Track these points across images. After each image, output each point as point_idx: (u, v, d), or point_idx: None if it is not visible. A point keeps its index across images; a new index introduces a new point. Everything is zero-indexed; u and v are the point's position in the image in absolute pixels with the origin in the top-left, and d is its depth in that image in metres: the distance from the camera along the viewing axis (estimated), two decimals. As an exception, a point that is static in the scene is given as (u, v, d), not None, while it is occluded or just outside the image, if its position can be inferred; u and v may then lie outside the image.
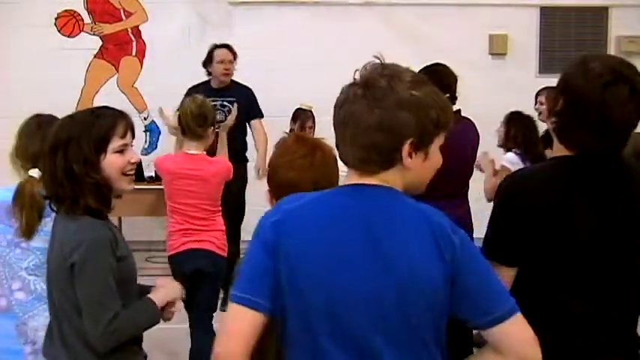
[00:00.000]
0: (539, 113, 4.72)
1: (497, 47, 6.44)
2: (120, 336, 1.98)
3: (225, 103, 5.10)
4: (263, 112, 5.31)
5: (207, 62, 5.23)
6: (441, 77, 3.52)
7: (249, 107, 5.25)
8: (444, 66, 3.67)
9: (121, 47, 6.48)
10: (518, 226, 1.72)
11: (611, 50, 6.46)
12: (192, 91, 5.12)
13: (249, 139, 5.34)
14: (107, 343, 1.97)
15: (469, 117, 3.79)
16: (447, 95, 3.55)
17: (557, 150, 1.82)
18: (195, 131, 3.63)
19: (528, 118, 4.41)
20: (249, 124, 5.30)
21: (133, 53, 6.46)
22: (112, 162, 2.01)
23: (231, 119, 4.40)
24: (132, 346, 2.07)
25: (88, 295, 1.94)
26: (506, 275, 1.74)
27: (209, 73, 5.23)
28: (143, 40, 6.45)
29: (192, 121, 3.60)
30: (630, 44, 6.49)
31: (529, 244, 1.72)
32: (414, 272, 1.39)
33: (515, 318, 1.43)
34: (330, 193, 1.49)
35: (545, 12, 6.53)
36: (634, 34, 6.50)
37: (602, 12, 6.56)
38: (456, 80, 3.63)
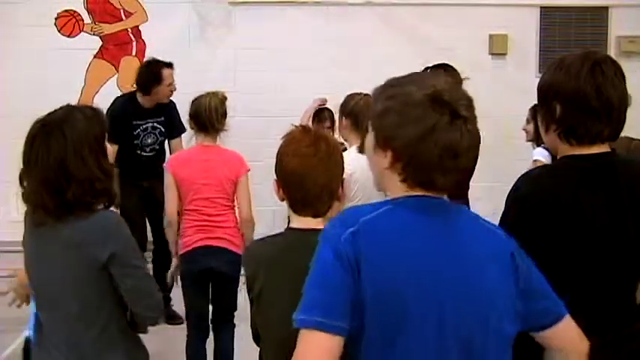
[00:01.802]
0: (527, 132, 4.67)
1: (497, 47, 6.44)
2: (162, 315, 2.20)
3: (156, 125, 4.92)
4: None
5: (155, 82, 4.82)
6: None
7: (173, 124, 4.99)
8: (452, 67, 3.77)
9: (121, 47, 6.48)
10: (536, 223, 1.74)
11: (611, 50, 6.46)
12: (112, 108, 4.81)
13: None
14: (158, 319, 2.12)
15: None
16: None
17: (565, 150, 1.85)
18: (217, 126, 3.68)
19: None
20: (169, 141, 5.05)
21: (133, 53, 6.45)
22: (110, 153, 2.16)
23: None
24: (140, 340, 2.17)
25: (139, 279, 2.03)
26: None
27: (146, 91, 4.82)
28: (143, 40, 6.44)
29: (217, 118, 3.66)
30: (630, 44, 6.48)
31: (545, 241, 1.74)
32: (491, 291, 1.40)
33: (568, 316, 1.52)
34: (399, 206, 1.42)
35: (545, 12, 6.52)
36: (634, 34, 6.49)
37: (602, 12, 6.55)
38: (461, 82, 3.70)
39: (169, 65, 4.89)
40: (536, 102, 4.40)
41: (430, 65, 3.96)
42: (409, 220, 1.39)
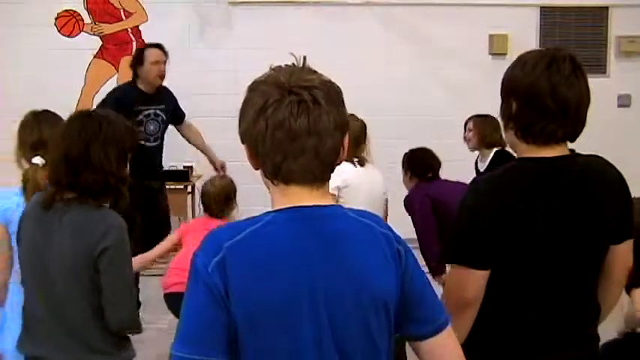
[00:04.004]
0: (469, 140, 4.66)
1: (497, 47, 6.44)
2: (136, 325, 2.15)
3: (159, 112, 4.85)
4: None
5: (138, 63, 4.81)
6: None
7: (175, 111, 4.99)
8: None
9: (121, 47, 6.48)
10: (489, 228, 1.71)
11: (611, 50, 6.47)
12: (115, 92, 4.88)
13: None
14: (130, 326, 2.12)
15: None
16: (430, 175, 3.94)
17: (521, 151, 1.82)
18: (216, 213, 3.74)
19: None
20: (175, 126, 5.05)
21: (133, 53, 6.45)
22: None
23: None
24: (127, 340, 2.19)
25: (121, 280, 2.07)
26: (478, 279, 1.74)
27: (136, 75, 4.82)
28: (143, 40, 6.43)
29: (215, 204, 3.74)
30: (630, 44, 6.49)
31: (499, 246, 1.72)
32: (377, 287, 1.34)
33: (450, 328, 1.43)
34: (266, 225, 1.33)
35: (545, 12, 6.53)
36: (634, 34, 6.50)
37: (602, 12, 6.56)
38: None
39: (156, 45, 4.84)
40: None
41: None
42: (276, 240, 1.31)
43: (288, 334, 1.29)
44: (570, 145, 1.83)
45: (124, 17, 6.48)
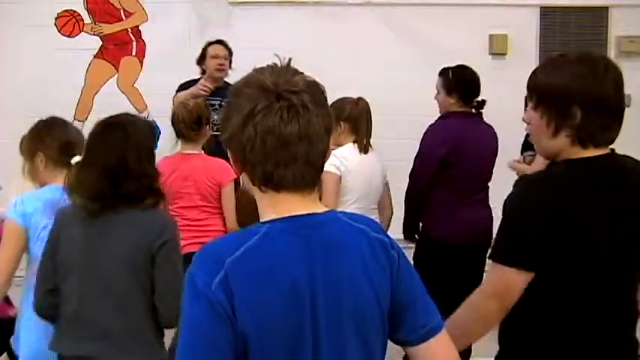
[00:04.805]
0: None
1: (497, 47, 6.43)
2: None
3: (223, 104, 4.96)
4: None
5: (201, 59, 5.16)
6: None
7: None
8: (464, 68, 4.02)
9: (121, 47, 6.48)
10: (535, 229, 1.69)
11: (611, 50, 6.46)
12: (185, 86, 5.07)
13: None
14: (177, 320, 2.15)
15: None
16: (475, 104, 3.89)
17: (571, 153, 1.79)
18: (190, 136, 3.65)
19: None
20: None
21: (133, 53, 6.45)
22: None
23: None
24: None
25: (175, 274, 2.12)
26: (521, 280, 1.72)
27: (203, 72, 5.13)
28: (143, 40, 6.44)
29: (186, 128, 3.64)
30: (630, 44, 6.48)
31: (550, 248, 1.70)
32: (372, 293, 1.35)
33: (443, 333, 1.41)
34: (265, 236, 1.32)
35: (545, 12, 6.52)
36: (634, 34, 6.49)
37: (602, 12, 6.55)
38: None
39: (217, 42, 5.19)
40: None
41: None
42: (275, 252, 1.30)
43: (291, 342, 1.28)
44: None
45: (124, 17, 6.47)
